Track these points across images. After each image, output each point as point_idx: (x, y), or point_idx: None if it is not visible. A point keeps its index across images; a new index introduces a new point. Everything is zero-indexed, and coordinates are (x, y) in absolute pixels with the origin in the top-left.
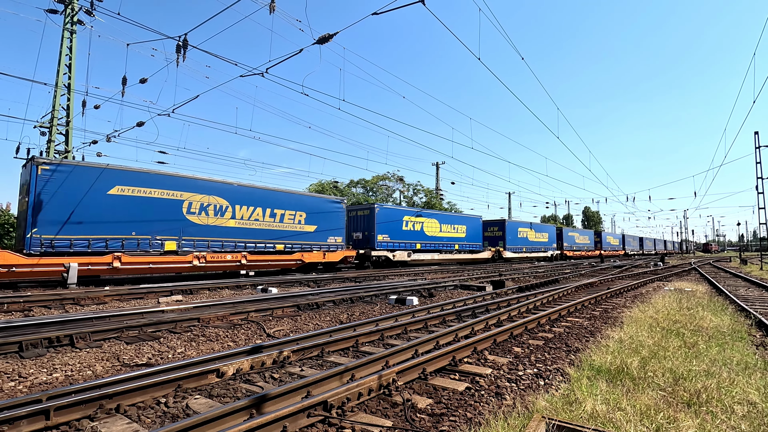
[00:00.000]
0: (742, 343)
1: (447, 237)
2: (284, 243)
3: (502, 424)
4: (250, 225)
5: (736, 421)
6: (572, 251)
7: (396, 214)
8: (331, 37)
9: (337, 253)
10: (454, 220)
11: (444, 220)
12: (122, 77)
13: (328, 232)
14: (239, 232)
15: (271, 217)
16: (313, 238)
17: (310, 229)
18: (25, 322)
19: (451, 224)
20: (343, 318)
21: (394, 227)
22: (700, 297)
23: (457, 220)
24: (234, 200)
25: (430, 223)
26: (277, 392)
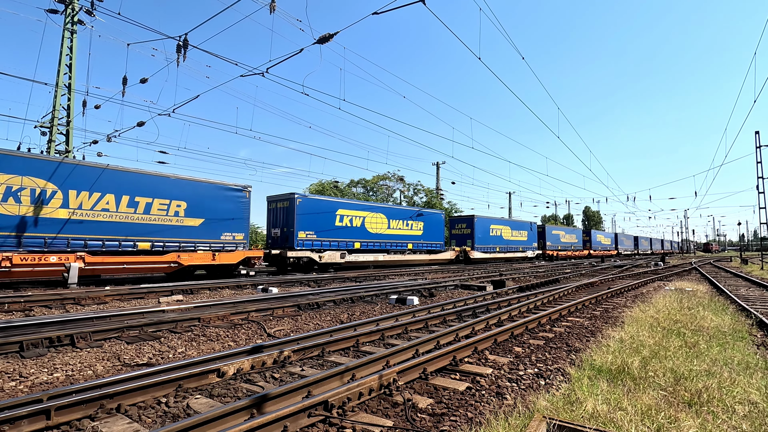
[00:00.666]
0: (743, 342)
1: (398, 235)
2: (151, 240)
3: (503, 423)
4: (94, 217)
5: (737, 421)
6: (556, 251)
7: (326, 206)
8: (332, 37)
9: (235, 254)
10: (406, 215)
11: (393, 214)
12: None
13: (222, 227)
14: (75, 226)
15: (131, 206)
16: (199, 235)
17: (194, 222)
18: (26, 322)
19: (402, 219)
20: (344, 318)
21: (323, 222)
22: (700, 297)
23: (411, 215)
24: (66, 184)
25: (373, 217)
26: (278, 392)
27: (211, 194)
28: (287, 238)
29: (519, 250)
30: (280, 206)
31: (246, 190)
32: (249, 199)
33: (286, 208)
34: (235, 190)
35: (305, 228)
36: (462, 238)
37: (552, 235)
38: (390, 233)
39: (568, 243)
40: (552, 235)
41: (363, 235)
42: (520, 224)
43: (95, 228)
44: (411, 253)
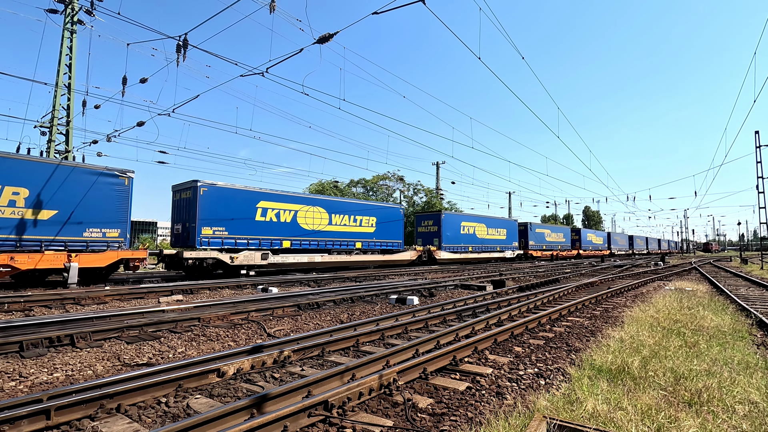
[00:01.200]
0: (743, 342)
1: (342, 232)
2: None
3: (503, 423)
4: None
5: (737, 421)
6: (541, 251)
7: (242, 197)
8: (332, 37)
9: (105, 255)
10: (353, 209)
11: (336, 208)
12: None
13: (89, 221)
14: None
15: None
16: (50, 231)
17: (41, 215)
18: (26, 322)
19: (348, 214)
20: (344, 317)
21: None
22: (700, 296)
23: (360, 210)
24: None
25: (309, 211)
26: (278, 392)
27: (71, 180)
28: (188, 236)
29: (496, 250)
30: (184, 197)
31: (124, 176)
32: (129, 186)
33: (188, 199)
34: (108, 175)
35: (211, 223)
36: (429, 237)
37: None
38: (332, 230)
39: (554, 242)
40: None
41: (294, 232)
42: (498, 221)
43: None
44: (360, 254)
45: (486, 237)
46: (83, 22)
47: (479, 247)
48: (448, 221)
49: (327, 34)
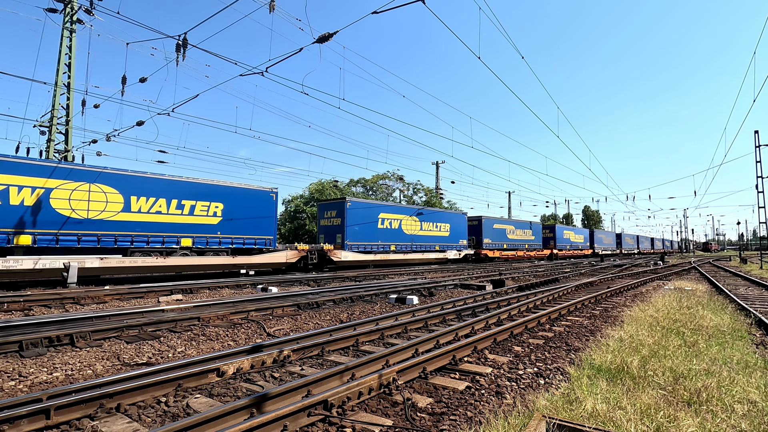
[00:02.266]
0: (742, 342)
1: (156, 224)
2: None
3: (503, 423)
4: None
5: (736, 420)
6: (500, 251)
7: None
8: (331, 36)
9: None
10: (192, 193)
11: (139, 188)
12: (122, 76)
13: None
14: None
15: None
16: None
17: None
18: (25, 322)
19: (186, 198)
20: (343, 317)
21: None
22: (700, 296)
23: (201, 193)
24: None
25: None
26: (278, 391)
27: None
28: None
29: (434, 250)
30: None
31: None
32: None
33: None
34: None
35: None
36: (332, 232)
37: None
38: (138, 219)
39: (519, 240)
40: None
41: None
42: (439, 214)
43: None
44: (194, 255)
45: (418, 233)
46: (82, 22)
47: (407, 246)
48: (357, 212)
49: (326, 34)
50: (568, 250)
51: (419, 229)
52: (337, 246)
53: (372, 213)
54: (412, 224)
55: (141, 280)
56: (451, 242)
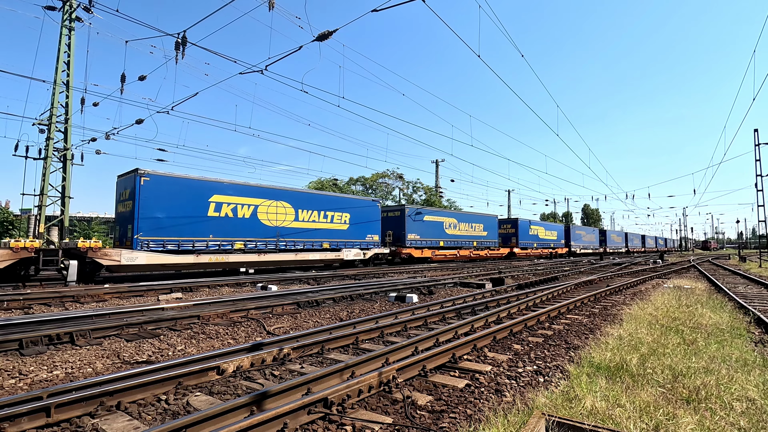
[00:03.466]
0: (741, 340)
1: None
2: None
3: (502, 420)
4: None
5: (735, 418)
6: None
7: None
8: (331, 35)
9: None
10: None
11: None
12: (121, 74)
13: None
14: None
15: None
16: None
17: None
18: (26, 320)
19: None
20: (343, 315)
21: None
22: (699, 294)
23: None
24: None
25: None
26: (278, 389)
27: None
28: None
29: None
30: None
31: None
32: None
33: None
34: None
35: None
36: (125, 222)
37: (423, 223)
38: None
39: (463, 237)
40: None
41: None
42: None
43: None
44: None
45: (291, 225)
46: (81, 20)
47: (267, 244)
48: (163, 190)
49: (326, 32)
50: (535, 249)
51: (293, 219)
52: (126, 243)
53: (196, 194)
54: (277, 211)
55: (141, 278)
56: (350, 238)
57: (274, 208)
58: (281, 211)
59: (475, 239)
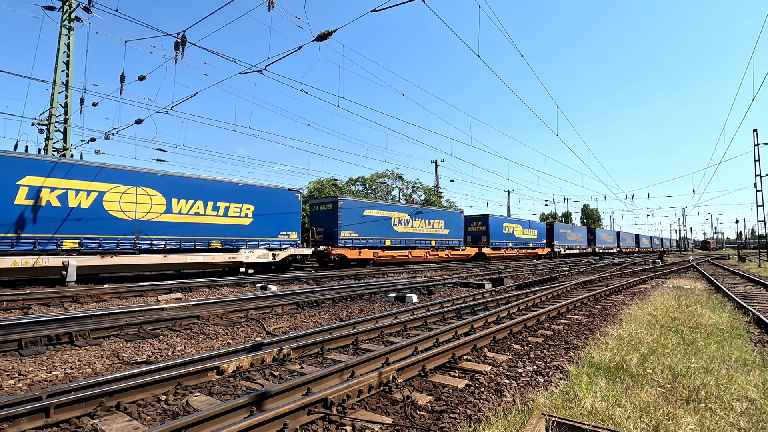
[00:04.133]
0: (741, 340)
1: None
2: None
3: (502, 421)
4: None
5: (734, 418)
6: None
7: None
8: (330, 35)
9: None
10: None
11: None
12: (120, 74)
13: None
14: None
15: None
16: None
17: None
18: (25, 320)
19: None
20: (343, 315)
21: None
22: (698, 294)
23: None
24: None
25: None
26: (278, 389)
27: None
28: None
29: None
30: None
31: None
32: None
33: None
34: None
35: None
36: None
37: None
38: None
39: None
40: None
41: None
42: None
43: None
44: None
45: (161, 219)
46: (81, 19)
47: (117, 242)
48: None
49: (326, 32)
50: (510, 249)
51: (164, 211)
52: None
53: None
54: (137, 200)
55: (141, 278)
56: (255, 235)
57: (132, 196)
58: (144, 200)
59: (433, 238)
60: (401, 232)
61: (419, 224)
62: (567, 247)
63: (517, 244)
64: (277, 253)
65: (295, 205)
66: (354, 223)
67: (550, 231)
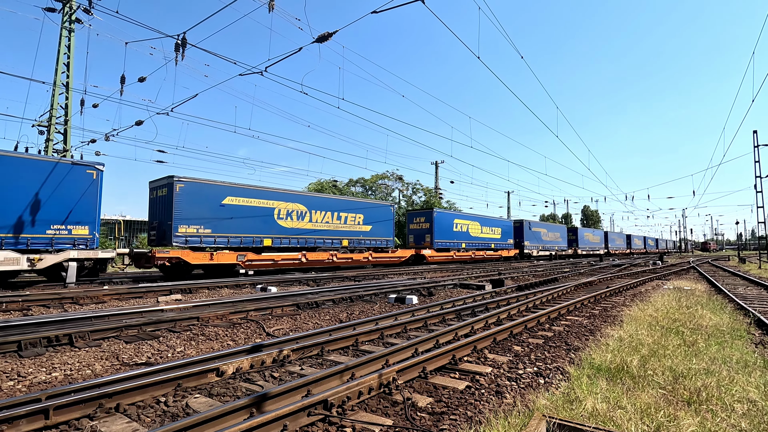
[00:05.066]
0: (742, 341)
1: None
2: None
3: (503, 422)
4: None
5: (736, 420)
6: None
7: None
8: (331, 36)
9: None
10: None
11: None
12: (121, 76)
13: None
14: None
15: None
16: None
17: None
18: (24, 321)
19: None
20: (343, 317)
21: None
22: (699, 295)
23: None
24: None
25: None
26: (278, 391)
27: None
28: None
29: None
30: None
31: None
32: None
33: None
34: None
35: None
36: None
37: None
38: None
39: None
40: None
41: None
42: None
43: None
44: None
45: None
46: (81, 21)
47: None
48: None
49: (326, 33)
50: (463, 251)
51: None
52: None
53: None
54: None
55: (140, 280)
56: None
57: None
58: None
59: (346, 236)
60: (290, 229)
61: (321, 218)
62: (541, 248)
63: (472, 244)
64: (44, 257)
65: (82, 185)
66: (205, 216)
67: (519, 230)
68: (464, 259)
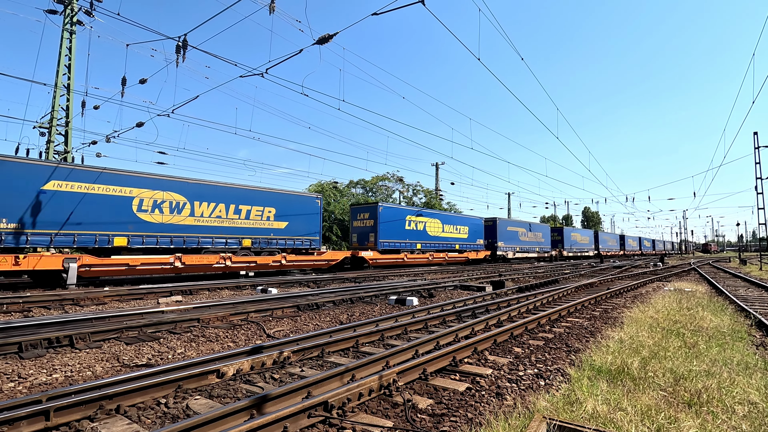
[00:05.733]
0: (743, 343)
1: None
2: None
3: (503, 424)
4: None
5: (737, 422)
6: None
7: None
8: (331, 38)
9: None
10: None
11: None
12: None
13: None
14: None
15: None
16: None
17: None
18: (25, 323)
19: None
20: (343, 318)
21: None
22: (699, 297)
23: None
24: None
25: None
26: (278, 393)
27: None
28: None
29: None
30: None
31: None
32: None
33: None
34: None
35: None
36: None
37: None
38: None
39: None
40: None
41: None
42: None
43: None
44: None
45: None
46: (82, 23)
47: None
48: None
49: (326, 35)
50: (418, 253)
51: None
52: None
53: None
54: None
55: (141, 281)
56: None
57: None
58: None
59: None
60: (158, 224)
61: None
62: (519, 249)
63: (431, 245)
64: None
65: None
66: (12, 205)
67: (491, 228)
68: (419, 262)
